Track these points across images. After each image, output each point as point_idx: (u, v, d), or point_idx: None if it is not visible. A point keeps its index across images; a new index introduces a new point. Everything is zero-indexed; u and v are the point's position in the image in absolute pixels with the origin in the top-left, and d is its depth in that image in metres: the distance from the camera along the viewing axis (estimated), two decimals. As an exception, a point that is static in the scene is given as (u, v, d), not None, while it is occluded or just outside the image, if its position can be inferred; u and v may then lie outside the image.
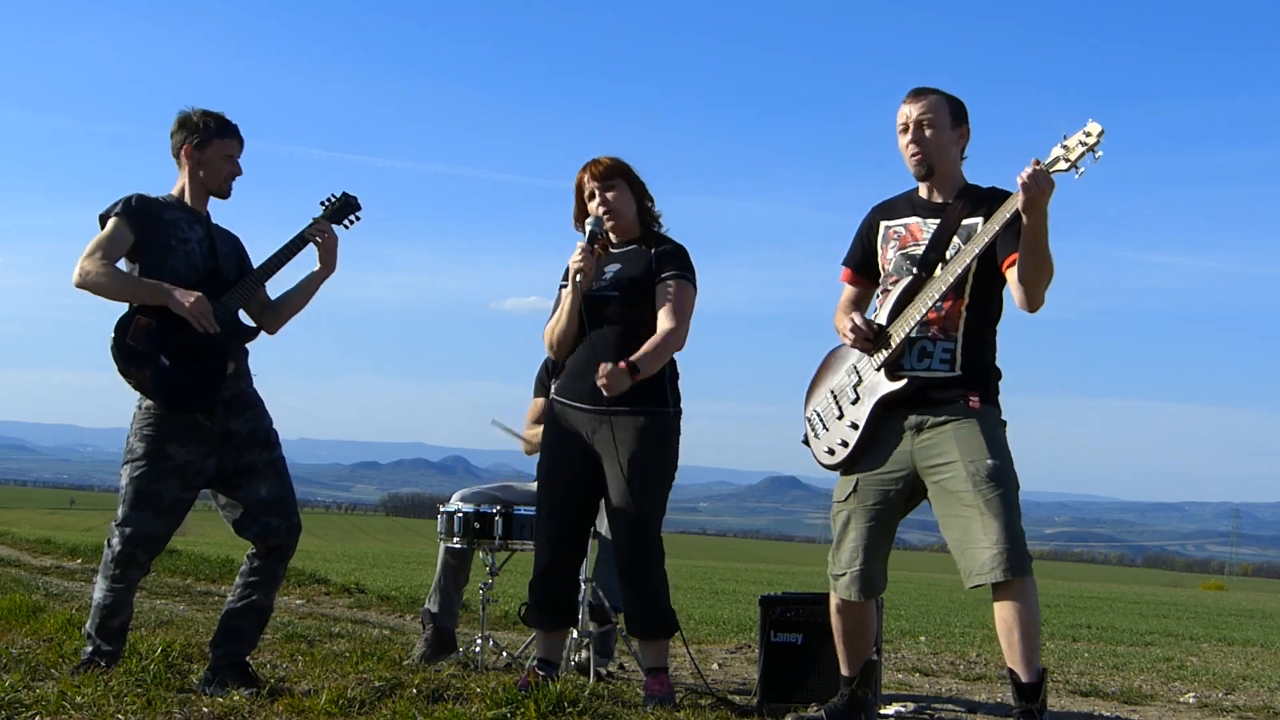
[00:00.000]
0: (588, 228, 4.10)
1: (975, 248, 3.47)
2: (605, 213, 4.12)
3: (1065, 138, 3.34)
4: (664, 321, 4.05)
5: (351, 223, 4.26)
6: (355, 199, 4.25)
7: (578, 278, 4.03)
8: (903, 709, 4.56)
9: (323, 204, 4.22)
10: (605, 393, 3.89)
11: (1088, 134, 3.30)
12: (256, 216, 4.14)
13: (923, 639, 8.21)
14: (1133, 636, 9.85)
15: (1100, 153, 3.29)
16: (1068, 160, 3.32)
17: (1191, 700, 5.34)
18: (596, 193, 4.14)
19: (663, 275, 4.10)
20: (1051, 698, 5.15)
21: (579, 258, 4.03)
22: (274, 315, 4.17)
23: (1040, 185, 3.29)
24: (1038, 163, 3.33)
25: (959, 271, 3.49)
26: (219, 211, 4.16)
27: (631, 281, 4.08)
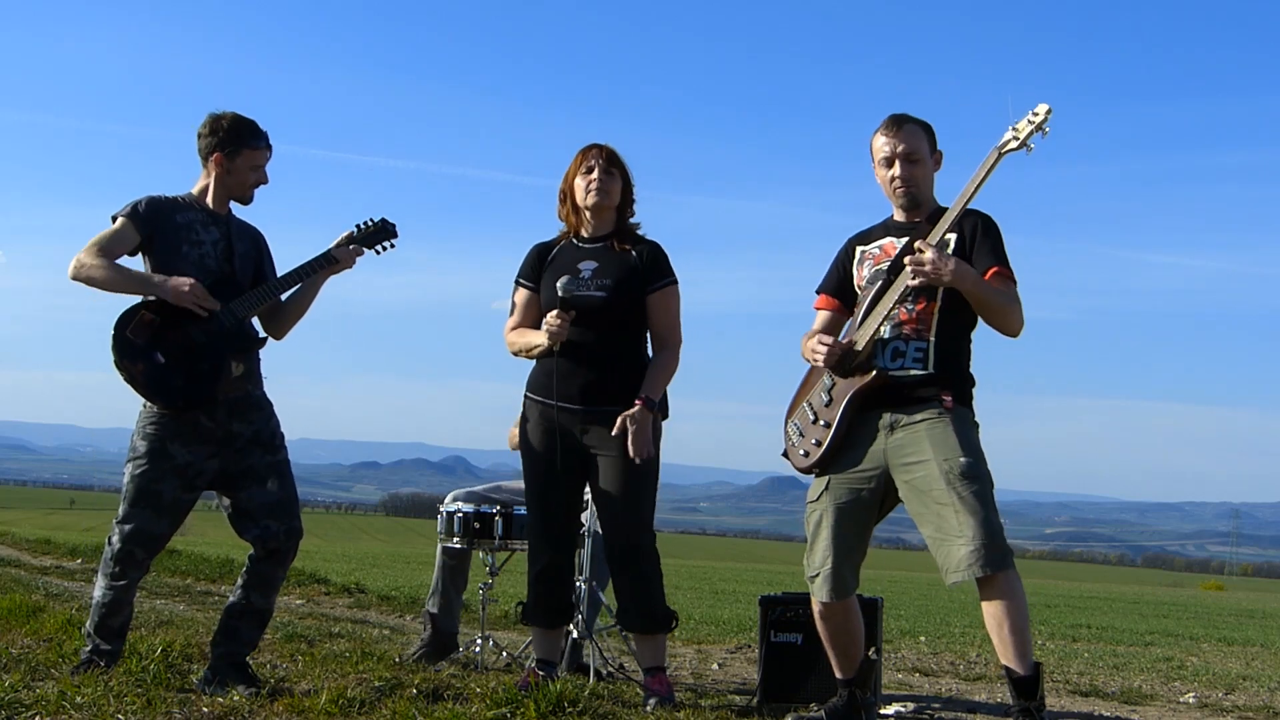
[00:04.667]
0: (560, 292, 3.96)
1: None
2: (596, 189, 4.06)
3: (1015, 121, 3.51)
4: (665, 339, 4.10)
5: (384, 249, 4.22)
6: (393, 226, 4.18)
7: (555, 346, 3.96)
8: (903, 709, 4.55)
9: (358, 226, 4.15)
10: (640, 457, 3.92)
11: (1035, 114, 3.49)
12: (255, 215, 4.10)
13: (923, 639, 8.21)
14: (1133, 636, 9.85)
15: (1048, 129, 3.47)
16: (1018, 139, 3.49)
17: (1191, 700, 5.34)
18: (596, 169, 4.08)
19: (655, 284, 4.09)
20: (1051, 698, 5.15)
21: (558, 325, 3.92)
22: (280, 320, 4.14)
23: (933, 275, 3.42)
24: (927, 248, 3.44)
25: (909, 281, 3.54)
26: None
27: (618, 284, 4.04)
